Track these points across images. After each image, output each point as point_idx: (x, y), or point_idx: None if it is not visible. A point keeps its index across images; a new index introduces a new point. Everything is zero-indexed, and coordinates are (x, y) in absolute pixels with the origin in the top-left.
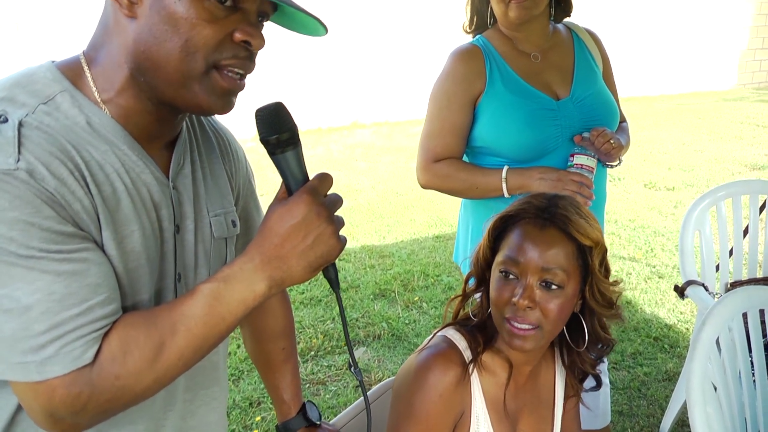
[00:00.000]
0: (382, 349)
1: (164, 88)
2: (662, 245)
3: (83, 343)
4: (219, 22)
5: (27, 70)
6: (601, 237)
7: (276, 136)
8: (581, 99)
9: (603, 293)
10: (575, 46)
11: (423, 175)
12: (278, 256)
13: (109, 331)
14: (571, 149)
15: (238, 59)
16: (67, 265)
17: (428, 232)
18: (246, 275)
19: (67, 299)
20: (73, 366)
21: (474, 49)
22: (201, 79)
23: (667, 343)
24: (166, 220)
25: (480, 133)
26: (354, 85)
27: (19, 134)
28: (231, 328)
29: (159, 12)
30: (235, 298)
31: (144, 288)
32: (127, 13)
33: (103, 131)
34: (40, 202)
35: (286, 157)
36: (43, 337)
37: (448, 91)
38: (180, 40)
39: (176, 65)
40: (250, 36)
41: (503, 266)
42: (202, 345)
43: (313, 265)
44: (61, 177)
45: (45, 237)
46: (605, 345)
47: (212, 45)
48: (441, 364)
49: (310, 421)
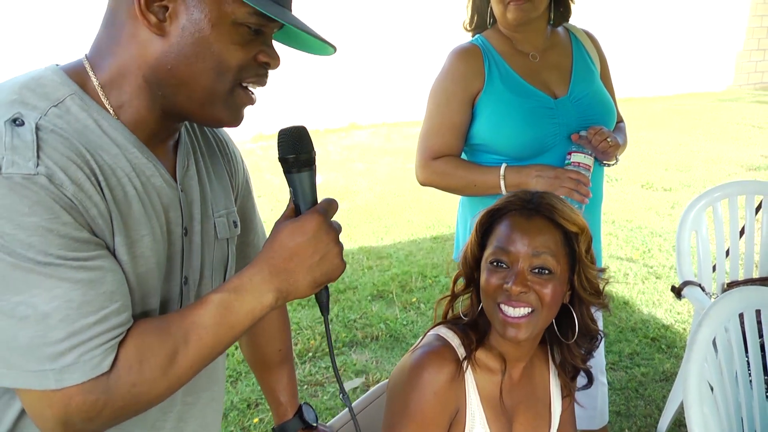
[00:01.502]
0: (379, 350)
1: (186, 103)
2: (659, 246)
3: (102, 351)
4: (247, 45)
5: (33, 73)
6: (586, 224)
7: (294, 155)
8: (579, 98)
9: (590, 281)
10: (573, 47)
11: (422, 172)
12: (286, 269)
13: (124, 338)
14: (568, 147)
15: (259, 77)
16: (84, 273)
17: (426, 234)
18: (255, 286)
19: (85, 307)
20: (93, 374)
21: (473, 48)
22: (226, 97)
23: (664, 344)
24: (174, 222)
25: (478, 130)
26: (351, 87)
27: (38, 137)
28: (238, 336)
29: (193, 34)
30: (244, 308)
31: (153, 292)
32: (156, 32)
33: (114, 135)
34: (59, 208)
35: (301, 177)
36: (62, 345)
37: (447, 90)
38: (212, 61)
39: (205, 84)
40: (271, 58)
41: (493, 257)
42: (211, 353)
43: (318, 281)
44: (78, 182)
45: (63, 244)
46: (594, 337)
47: (241, 66)
48: (435, 361)
49: (306, 423)
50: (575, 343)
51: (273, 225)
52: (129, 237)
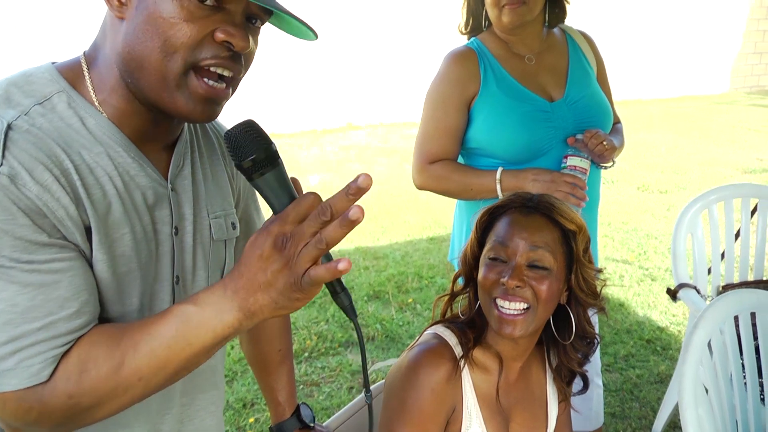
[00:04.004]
0: (375, 351)
1: (147, 90)
2: (655, 248)
3: (41, 360)
4: (199, 21)
5: (25, 71)
6: (584, 223)
7: (251, 157)
8: (575, 101)
9: (588, 281)
10: (569, 49)
11: (418, 176)
12: (244, 287)
13: (71, 348)
14: (564, 151)
15: (219, 59)
16: (36, 276)
17: (422, 234)
18: (216, 301)
19: (31, 312)
20: (29, 383)
21: (468, 51)
22: (179, 81)
23: (660, 346)
24: (162, 222)
25: (474, 134)
26: (349, 87)
27: (6, 137)
28: (198, 355)
29: (142, 12)
30: (203, 323)
31: (134, 292)
32: (118, 15)
33: (98, 132)
34: (17, 209)
35: (266, 179)
36: (3, 349)
37: (443, 94)
38: (160, 39)
39: (156, 65)
40: (231, 36)
41: (492, 252)
42: (165, 367)
43: (279, 302)
44: (44, 183)
45: (17, 246)
46: (590, 341)
47: (190, 44)
48: (432, 360)
49: (303, 423)
50: (572, 345)
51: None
52: (108, 236)
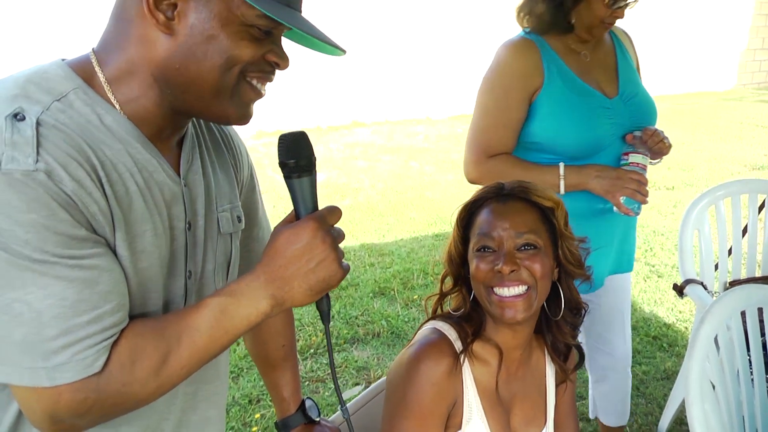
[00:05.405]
0: (381, 347)
1: (194, 101)
2: (661, 244)
3: (95, 352)
4: (258, 42)
5: (38, 68)
6: (560, 200)
7: (294, 160)
8: (630, 98)
9: (573, 252)
10: (615, 46)
11: (475, 170)
12: (281, 277)
13: (118, 339)
14: (620, 147)
15: (264, 73)
16: (79, 271)
17: (428, 231)
18: (252, 292)
19: (79, 305)
20: (84, 374)
21: (529, 42)
22: (232, 90)
23: (666, 342)
24: (177, 218)
25: (535, 129)
26: (354, 84)
27: (38, 133)
28: (232, 341)
29: (202, 33)
30: (240, 313)
31: (155, 287)
32: (164, 30)
33: (117, 130)
34: (57, 205)
35: (301, 182)
36: (55, 343)
37: (505, 85)
38: (221, 59)
39: (213, 81)
40: (280, 59)
41: (479, 244)
42: (204, 356)
43: (314, 288)
44: (78, 179)
45: (60, 241)
46: (578, 311)
47: (249, 61)
48: (432, 354)
49: (309, 418)
50: (563, 320)
51: (273, 228)
52: (130, 233)
